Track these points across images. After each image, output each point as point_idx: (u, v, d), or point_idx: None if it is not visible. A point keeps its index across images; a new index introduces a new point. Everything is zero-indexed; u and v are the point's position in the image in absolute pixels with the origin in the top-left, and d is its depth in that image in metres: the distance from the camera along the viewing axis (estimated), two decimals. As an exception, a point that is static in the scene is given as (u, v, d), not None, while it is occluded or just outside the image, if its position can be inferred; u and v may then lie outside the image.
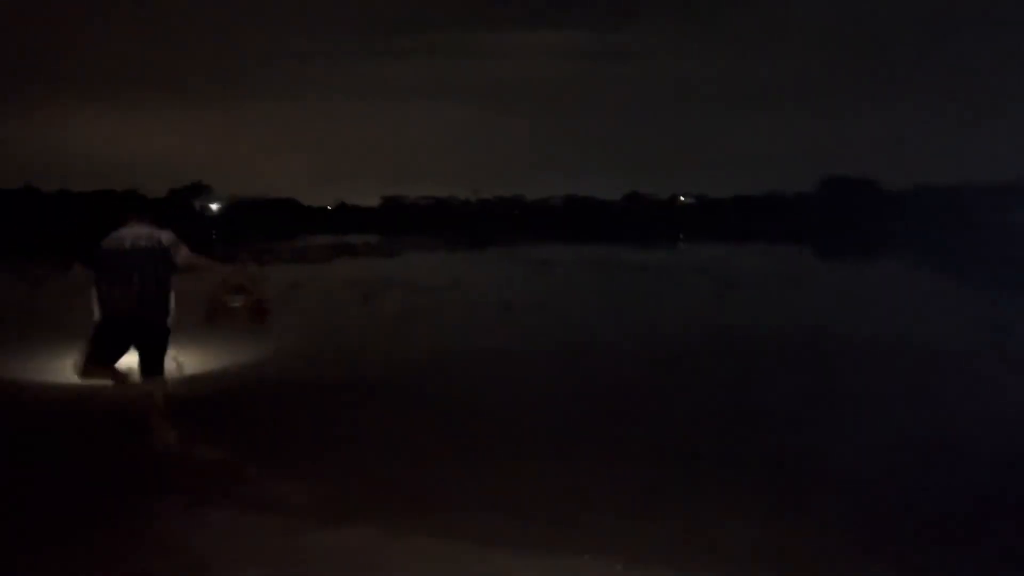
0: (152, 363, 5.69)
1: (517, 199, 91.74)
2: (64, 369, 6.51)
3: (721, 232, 51.24)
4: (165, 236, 5.67)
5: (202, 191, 78.29)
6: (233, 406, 6.68)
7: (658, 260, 28.04)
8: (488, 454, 5.23)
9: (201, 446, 5.45)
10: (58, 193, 72.80)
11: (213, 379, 7.58)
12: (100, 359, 5.58)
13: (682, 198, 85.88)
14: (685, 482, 4.71)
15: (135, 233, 5.64)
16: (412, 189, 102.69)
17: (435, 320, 12.26)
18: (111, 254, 5.56)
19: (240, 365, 8.17)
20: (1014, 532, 4.08)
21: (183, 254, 5.66)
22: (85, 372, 5.63)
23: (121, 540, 3.82)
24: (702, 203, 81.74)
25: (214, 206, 76.85)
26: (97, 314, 5.56)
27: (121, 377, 5.72)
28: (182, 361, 6.91)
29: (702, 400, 6.92)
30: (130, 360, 5.63)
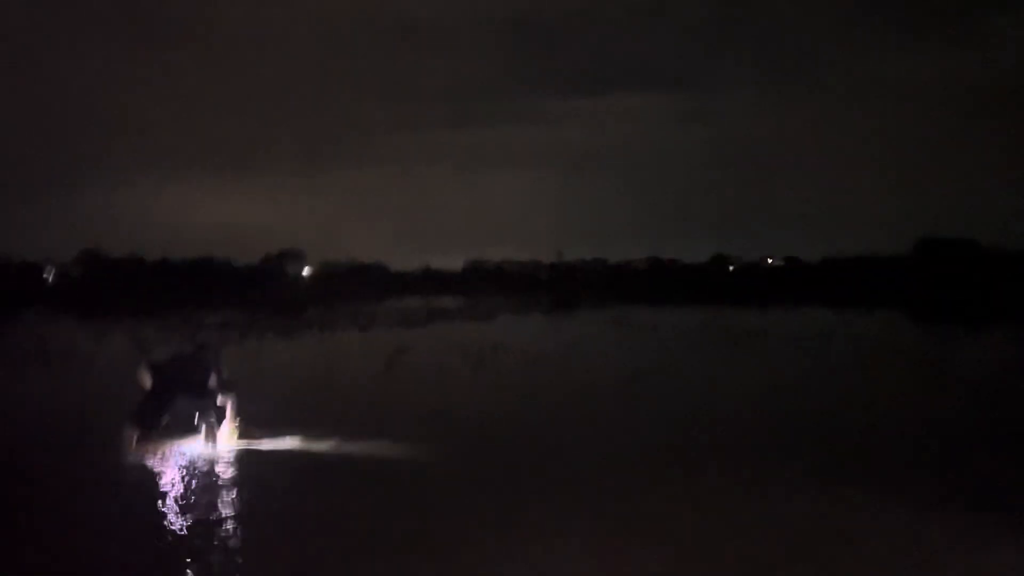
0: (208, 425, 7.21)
1: (599, 261, 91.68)
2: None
3: (811, 295, 49.53)
4: (214, 363, 7.38)
5: (294, 257, 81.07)
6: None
7: (754, 325, 27.17)
8: None
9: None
10: (160, 261, 76.49)
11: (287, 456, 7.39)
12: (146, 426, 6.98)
13: (769, 260, 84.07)
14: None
15: (195, 354, 7.60)
16: (495, 253, 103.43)
17: (564, 395, 11.29)
18: (174, 357, 7.57)
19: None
20: None
21: (223, 384, 7.29)
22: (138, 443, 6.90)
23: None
24: (791, 265, 79.74)
25: (305, 272, 79.39)
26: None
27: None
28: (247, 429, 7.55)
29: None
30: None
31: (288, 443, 7.56)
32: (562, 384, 12.18)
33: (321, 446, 7.51)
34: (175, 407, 7.27)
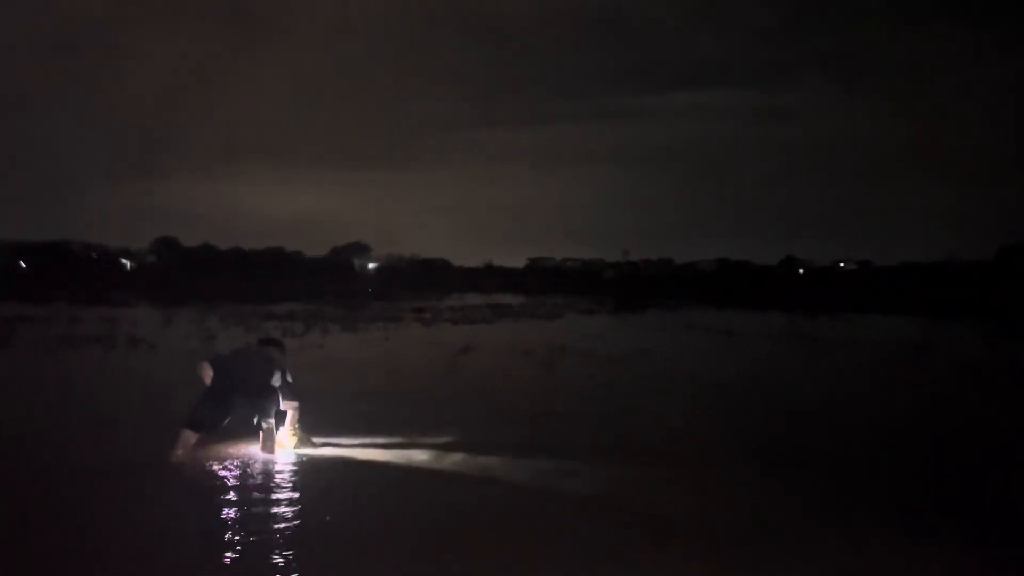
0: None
1: (665, 261, 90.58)
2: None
3: (886, 301, 47.66)
4: (278, 362, 6.94)
5: (361, 250, 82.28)
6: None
7: (835, 332, 26.10)
8: None
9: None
10: (232, 251, 78.51)
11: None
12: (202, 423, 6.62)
13: (842, 264, 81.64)
14: None
15: (259, 350, 7.11)
16: (558, 251, 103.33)
17: (641, 401, 10.55)
18: (237, 353, 7.10)
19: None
20: None
21: (286, 384, 6.87)
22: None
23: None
24: (865, 270, 77.22)
25: (371, 265, 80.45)
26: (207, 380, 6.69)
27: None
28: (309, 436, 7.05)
29: None
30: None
31: (353, 451, 6.97)
32: (633, 394, 11.22)
33: (388, 455, 6.86)
34: (236, 408, 6.81)
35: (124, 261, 74.52)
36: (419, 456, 6.82)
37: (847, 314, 37.00)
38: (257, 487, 5.88)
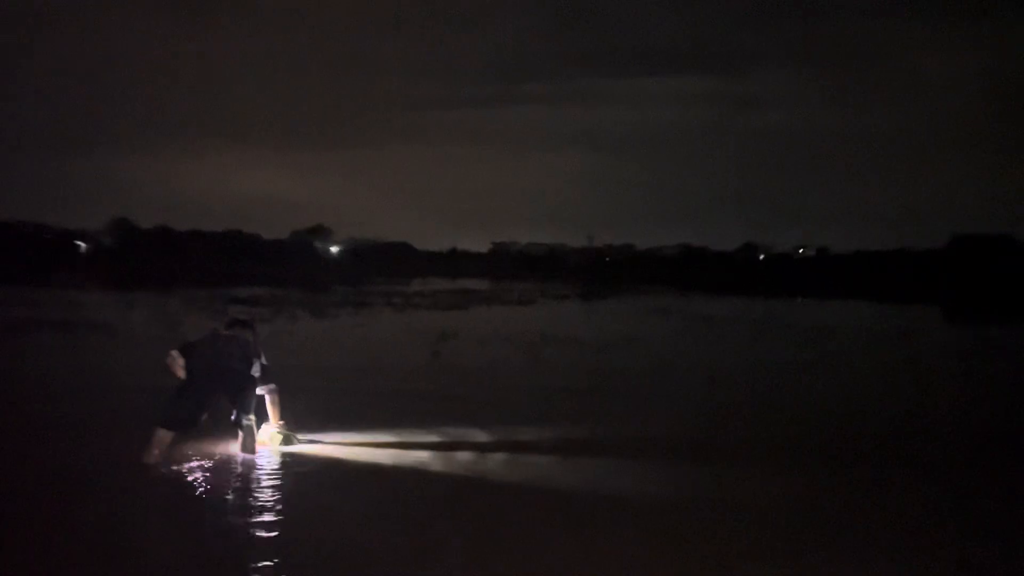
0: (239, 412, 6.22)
1: (627, 247, 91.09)
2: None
3: (843, 287, 48.50)
4: (252, 346, 6.40)
5: (322, 233, 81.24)
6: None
7: (805, 318, 26.51)
8: None
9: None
10: (190, 233, 76.94)
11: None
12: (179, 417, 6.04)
13: (801, 250, 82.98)
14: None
15: (232, 334, 6.41)
16: (522, 235, 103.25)
17: (656, 392, 10.22)
18: (209, 340, 6.34)
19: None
20: None
21: (260, 373, 6.36)
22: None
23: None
24: (822, 257, 78.57)
25: (333, 248, 79.52)
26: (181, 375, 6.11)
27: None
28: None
29: None
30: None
31: (342, 450, 6.44)
32: (634, 387, 10.78)
33: (381, 455, 6.36)
34: (213, 401, 6.16)
35: (78, 243, 72.67)
36: (415, 456, 6.33)
37: (808, 299, 37.70)
38: (238, 492, 5.39)
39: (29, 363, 11.31)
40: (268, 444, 6.45)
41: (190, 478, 5.63)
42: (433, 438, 6.90)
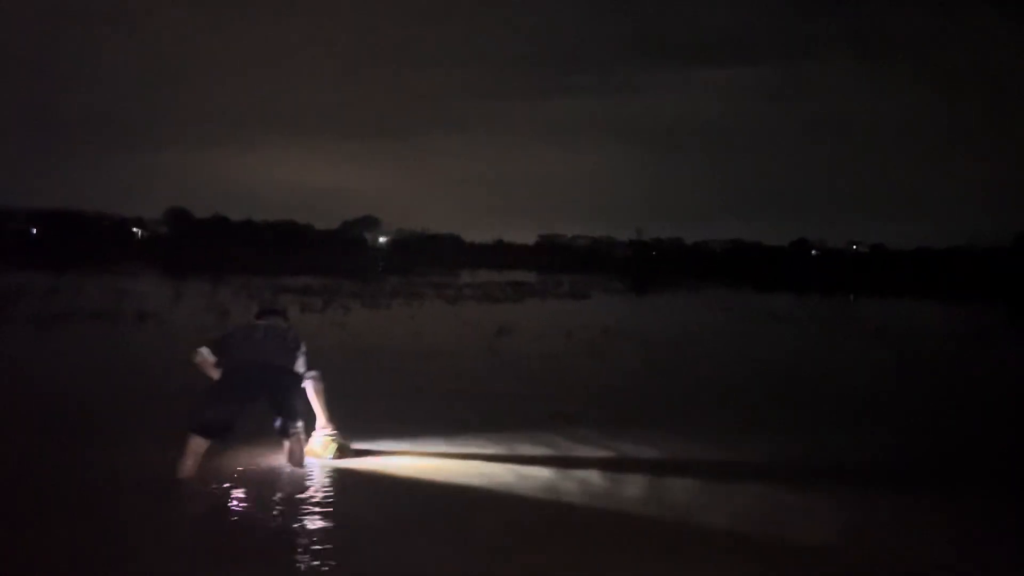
0: (285, 420, 5.53)
1: (675, 241, 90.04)
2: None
3: (893, 284, 46.88)
4: (292, 335, 5.82)
5: (371, 224, 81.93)
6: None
7: (871, 317, 25.73)
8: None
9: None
10: (244, 222, 78.15)
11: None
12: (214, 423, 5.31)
13: (855, 247, 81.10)
14: None
15: (268, 324, 5.85)
16: (569, 228, 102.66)
17: (736, 398, 9.46)
18: (243, 333, 5.79)
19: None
20: None
21: (305, 368, 5.77)
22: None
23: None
24: (877, 253, 76.67)
25: (382, 239, 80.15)
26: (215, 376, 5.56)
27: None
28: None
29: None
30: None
31: (404, 461, 5.75)
32: (746, 386, 10.30)
33: (451, 467, 5.67)
34: (253, 403, 5.49)
35: (136, 230, 74.43)
36: (492, 471, 5.60)
37: (859, 296, 36.67)
38: (284, 514, 4.74)
39: (71, 354, 11.06)
40: (320, 454, 5.72)
41: (226, 495, 5.03)
42: (508, 450, 6.21)
